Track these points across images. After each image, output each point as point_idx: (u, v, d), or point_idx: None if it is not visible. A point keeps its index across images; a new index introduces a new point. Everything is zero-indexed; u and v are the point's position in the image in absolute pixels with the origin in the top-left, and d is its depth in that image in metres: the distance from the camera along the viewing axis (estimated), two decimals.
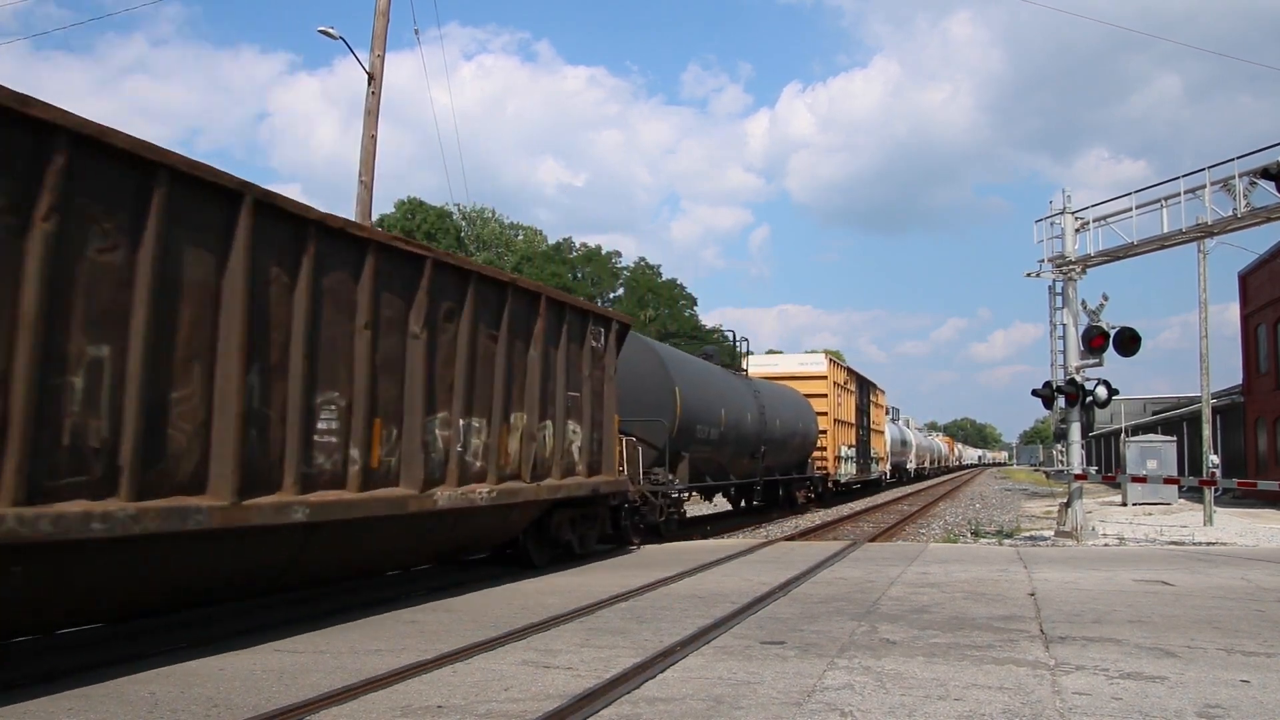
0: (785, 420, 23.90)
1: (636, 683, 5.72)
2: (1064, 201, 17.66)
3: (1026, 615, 8.24)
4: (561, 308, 11.82)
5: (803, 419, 25.98)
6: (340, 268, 8.00)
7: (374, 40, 17.58)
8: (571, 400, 11.91)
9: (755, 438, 21.46)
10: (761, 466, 22.28)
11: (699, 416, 17.93)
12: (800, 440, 25.66)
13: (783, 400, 24.68)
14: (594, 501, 13.13)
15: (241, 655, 6.73)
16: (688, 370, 18.37)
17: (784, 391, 25.75)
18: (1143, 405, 68.03)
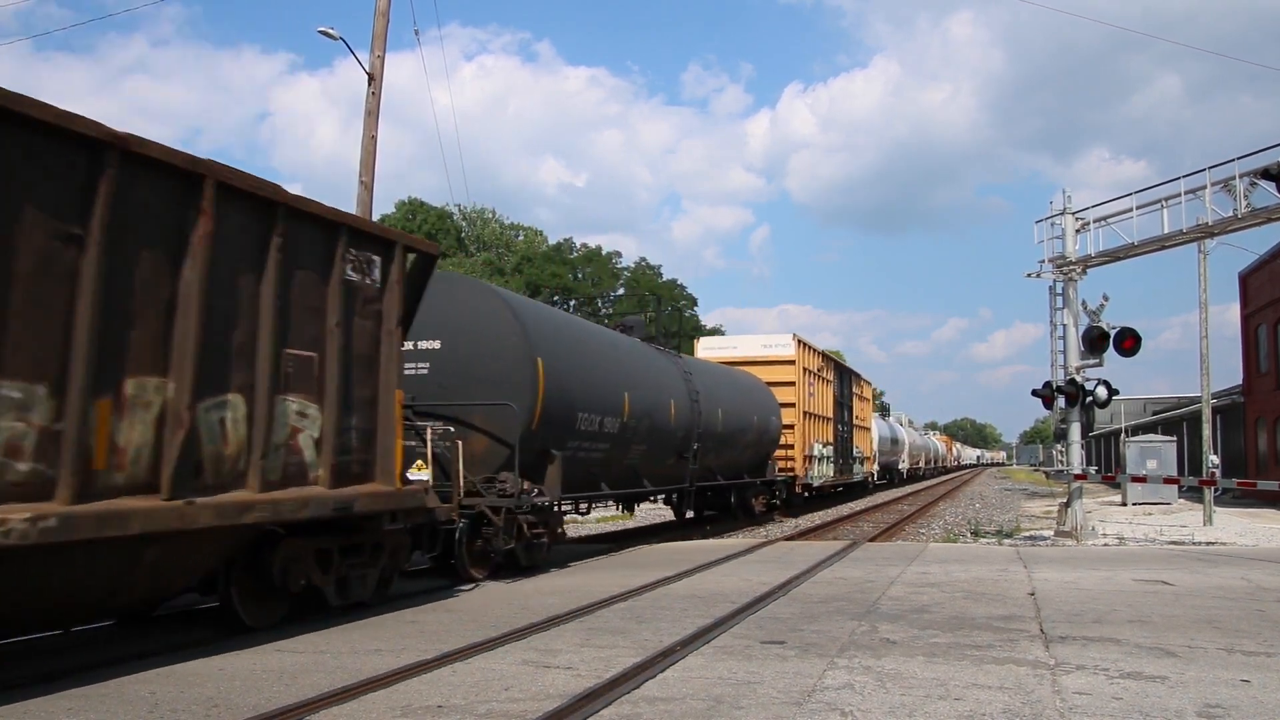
0: (733, 411, 19.27)
1: (636, 682, 5.72)
2: (1064, 202, 17.66)
3: (1026, 615, 8.24)
4: (271, 208, 7.39)
5: (759, 410, 21.20)
6: None
7: (374, 40, 17.58)
8: (297, 364, 7.67)
9: (684, 432, 16.55)
10: (694, 469, 17.35)
11: (581, 401, 12.68)
12: (755, 436, 20.90)
13: (730, 387, 19.95)
14: (368, 525, 8.73)
15: (242, 655, 6.73)
16: (563, 338, 12.96)
17: (733, 377, 21.02)
18: (1143, 405, 68.01)
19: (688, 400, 16.72)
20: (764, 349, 25.12)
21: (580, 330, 14.70)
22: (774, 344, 25.29)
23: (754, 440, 20.88)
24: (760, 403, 21.54)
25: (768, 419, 21.67)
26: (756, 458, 21.71)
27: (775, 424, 22.26)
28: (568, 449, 12.42)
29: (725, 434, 18.76)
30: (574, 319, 16.17)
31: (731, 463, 19.90)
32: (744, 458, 20.70)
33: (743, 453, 20.48)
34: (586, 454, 13.23)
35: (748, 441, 20.47)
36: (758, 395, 21.79)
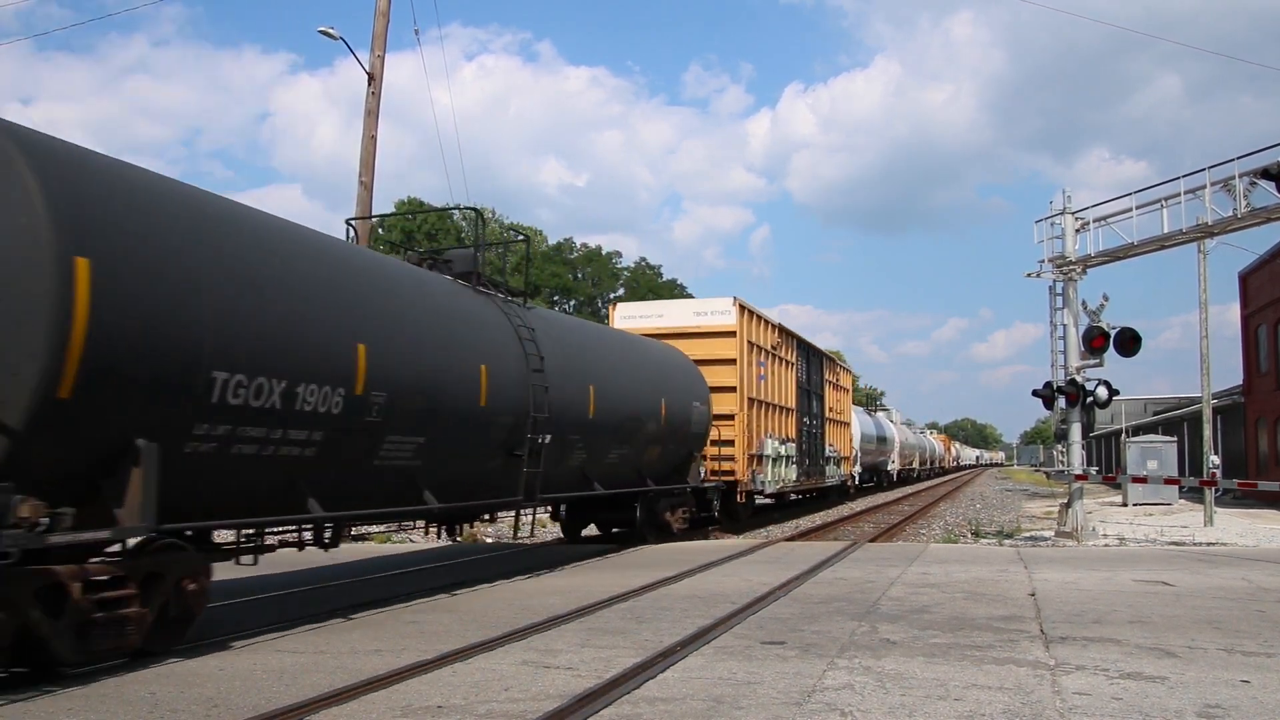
0: (621, 393, 13.76)
1: (637, 683, 5.72)
2: (1064, 202, 17.65)
3: (1027, 615, 8.23)
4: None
5: (673, 394, 15.74)
6: None
7: (374, 41, 17.59)
8: None
9: (512, 420, 10.79)
10: (538, 474, 11.28)
11: (228, 351, 6.97)
12: (665, 429, 15.23)
13: (618, 358, 14.44)
14: None
15: (242, 655, 6.74)
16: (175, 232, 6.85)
17: (626, 345, 15.42)
18: (1143, 405, 68.00)
19: (521, 371, 10.92)
20: (696, 317, 19.39)
21: (237, 227, 7.68)
22: (708, 310, 19.45)
23: (662, 434, 15.16)
24: (676, 384, 16.05)
25: (687, 406, 16.16)
26: (670, 457, 15.98)
27: (701, 414, 16.83)
28: (195, 437, 6.77)
29: (605, 424, 13.13)
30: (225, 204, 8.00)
31: (623, 465, 14.27)
32: (645, 458, 14.98)
33: (642, 451, 14.77)
34: (255, 449, 7.30)
35: (650, 435, 14.79)
36: (673, 374, 16.25)
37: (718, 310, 19.46)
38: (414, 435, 9.17)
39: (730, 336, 19.13)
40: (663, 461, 15.81)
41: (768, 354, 21.02)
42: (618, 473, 14.21)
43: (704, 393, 17.31)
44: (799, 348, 24.47)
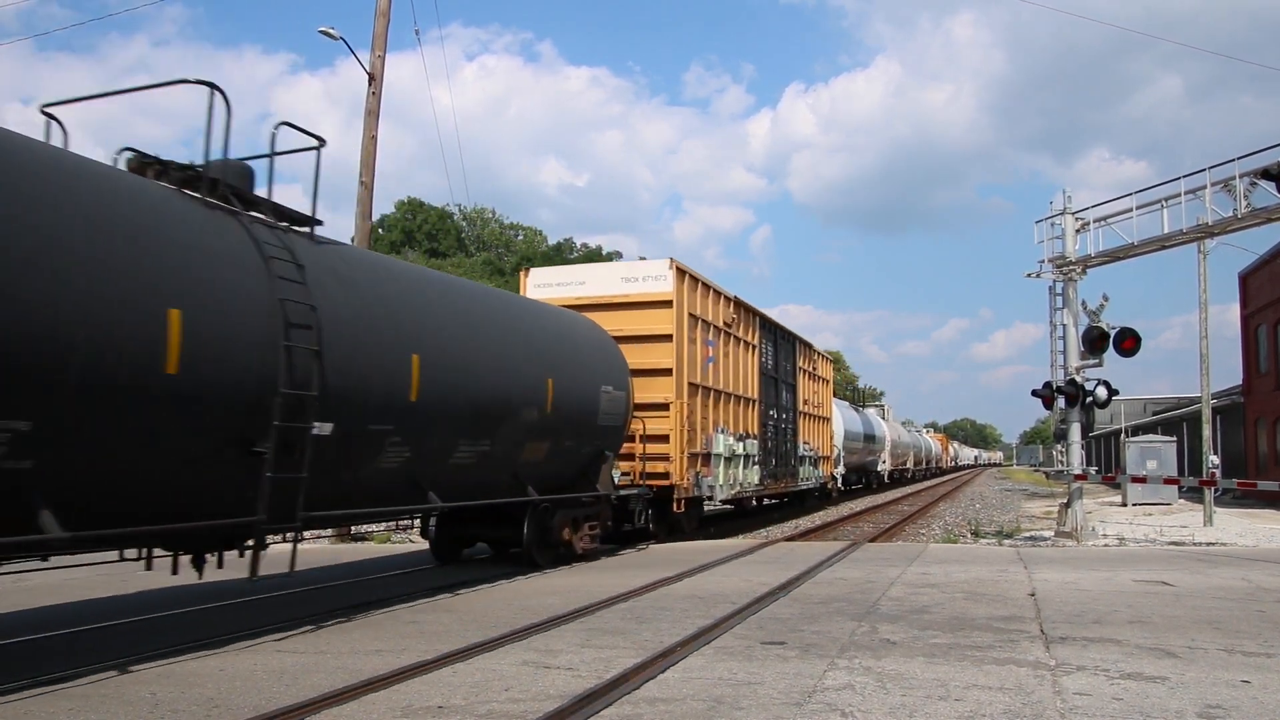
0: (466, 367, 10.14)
1: (637, 683, 5.72)
2: (1064, 202, 17.66)
3: (1027, 616, 8.24)
4: None
5: (566, 371, 12.10)
6: None
7: (374, 41, 17.59)
8: None
9: (241, 394, 7.22)
10: (305, 480, 7.63)
11: None
12: (554, 419, 11.74)
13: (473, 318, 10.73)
14: None
15: (242, 655, 6.74)
16: None
17: (487, 303, 11.43)
18: (1143, 405, 68.02)
19: (264, 324, 7.43)
20: (624, 284, 16.16)
21: None
22: (639, 275, 16.21)
23: (549, 425, 11.53)
24: (576, 361, 12.43)
25: (592, 391, 12.61)
26: (567, 457, 12.36)
27: (616, 402, 13.26)
28: None
29: (442, 410, 9.56)
30: None
31: (485, 468, 10.58)
32: (523, 457, 11.31)
33: (516, 448, 11.08)
34: None
35: (529, 427, 11.13)
36: (570, 347, 12.55)
37: (651, 275, 15.97)
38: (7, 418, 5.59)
39: (665, 307, 15.73)
40: (555, 462, 12.04)
41: (720, 332, 17.89)
42: (476, 478, 10.51)
43: (622, 375, 13.64)
44: (763, 328, 21.07)
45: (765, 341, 21.27)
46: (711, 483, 17.06)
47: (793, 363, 23.85)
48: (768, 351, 21.46)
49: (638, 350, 15.24)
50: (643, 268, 16.42)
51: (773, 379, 21.68)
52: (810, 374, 26.09)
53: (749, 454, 19.24)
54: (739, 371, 19.10)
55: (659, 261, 16.25)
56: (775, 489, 22.24)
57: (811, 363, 26.34)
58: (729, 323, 18.57)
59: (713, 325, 17.55)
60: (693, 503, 16.57)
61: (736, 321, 19.11)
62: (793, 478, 23.31)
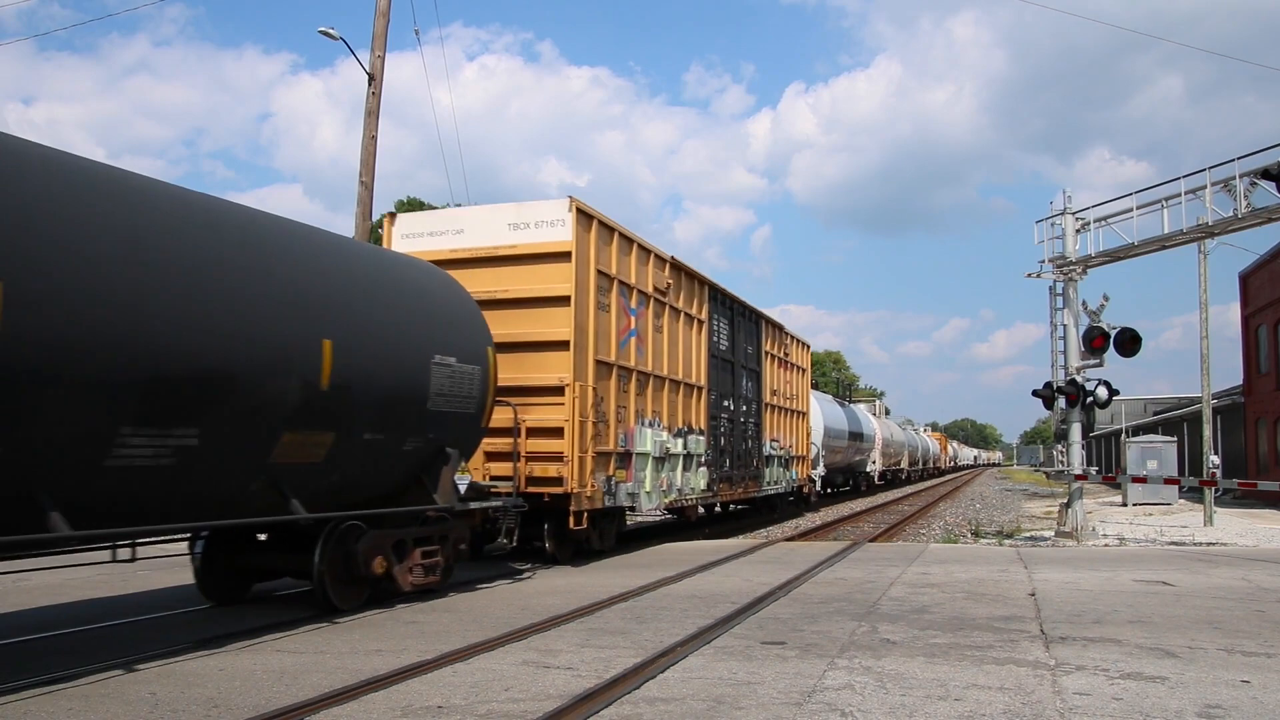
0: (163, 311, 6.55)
1: (637, 683, 5.72)
2: (1065, 202, 17.67)
3: (1027, 615, 8.24)
4: None
5: (360, 330, 8.59)
6: None
7: (374, 41, 17.60)
8: None
9: None
10: None
11: None
12: (333, 398, 8.12)
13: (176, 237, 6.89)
14: None
15: (242, 655, 6.74)
16: None
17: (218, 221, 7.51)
18: (1143, 406, 68.05)
19: None
20: (512, 232, 12.54)
21: None
22: (530, 221, 12.50)
23: (334, 407, 8.23)
24: (378, 316, 8.97)
25: (419, 362, 9.37)
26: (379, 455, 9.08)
27: (463, 378, 9.94)
28: None
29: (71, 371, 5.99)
30: None
31: (194, 469, 7.08)
32: (280, 455, 7.83)
33: (260, 441, 7.64)
34: None
35: (292, 409, 7.77)
36: (383, 299, 9.16)
37: (544, 219, 12.18)
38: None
39: (560, 261, 11.99)
40: (352, 463, 8.64)
41: (649, 300, 14.27)
42: (174, 488, 7.05)
43: (474, 344, 10.22)
44: (716, 301, 17.60)
45: (718, 318, 17.79)
46: (633, 489, 13.50)
47: (757, 346, 20.37)
48: (721, 330, 17.91)
49: (524, 318, 11.99)
50: (535, 210, 12.29)
51: (728, 363, 18.26)
52: (781, 360, 22.48)
53: (692, 453, 15.94)
54: (679, 351, 15.56)
55: (556, 202, 12.30)
56: (731, 495, 18.37)
57: (782, 347, 22.76)
58: (662, 289, 14.93)
59: (637, 290, 13.86)
60: (605, 515, 13.29)
61: (675, 289, 15.51)
62: (756, 481, 19.85)
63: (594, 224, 12.68)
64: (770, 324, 21.59)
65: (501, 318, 11.65)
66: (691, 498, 16.10)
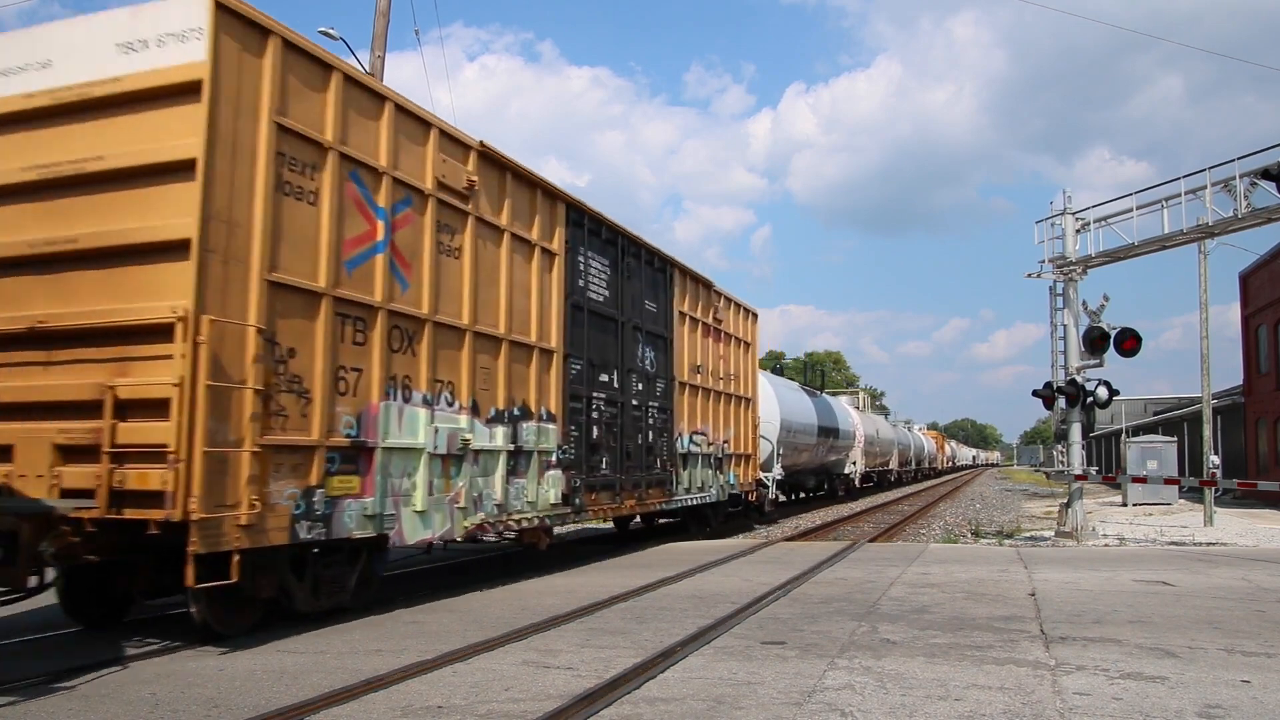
0: None
1: (637, 683, 5.72)
2: (1065, 202, 17.67)
3: (1027, 615, 8.24)
4: None
5: None
6: None
7: (374, 41, 17.59)
8: None
9: None
10: None
11: None
12: None
13: None
14: None
15: (242, 655, 6.73)
16: None
17: None
18: (1143, 406, 68.06)
19: None
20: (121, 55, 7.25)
21: None
22: (149, 35, 7.18)
23: None
24: None
25: None
26: None
27: None
28: None
29: None
30: None
31: None
32: None
33: None
34: None
35: None
36: None
37: (168, 31, 7.14)
38: None
39: (183, 100, 7.05)
40: None
41: (425, 200, 9.37)
42: None
43: None
44: (580, 227, 12.38)
45: (587, 254, 12.50)
46: (378, 508, 8.38)
47: (665, 303, 15.11)
48: (591, 271, 12.64)
49: (123, 204, 7.16)
50: (157, 15, 7.18)
51: (608, 323, 13.08)
52: (710, 329, 17.22)
53: (531, 449, 10.87)
54: (499, 291, 10.53)
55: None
56: (615, 508, 13.07)
57: (710, 310, 17.22)
58: (459, 188, 9.84)
59: (394, 181, 8.86)
60: (330, 555, 8.26)
61: (488, 193, 10.40)
62: (662, 487, 14.62)
63: (271, 43, 7.48)
64: (690, 277, 16.32)
65: (86, 208, 7.23)
66: (529, 516, 10.75)
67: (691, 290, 16.56)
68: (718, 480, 17.50)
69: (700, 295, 16.95)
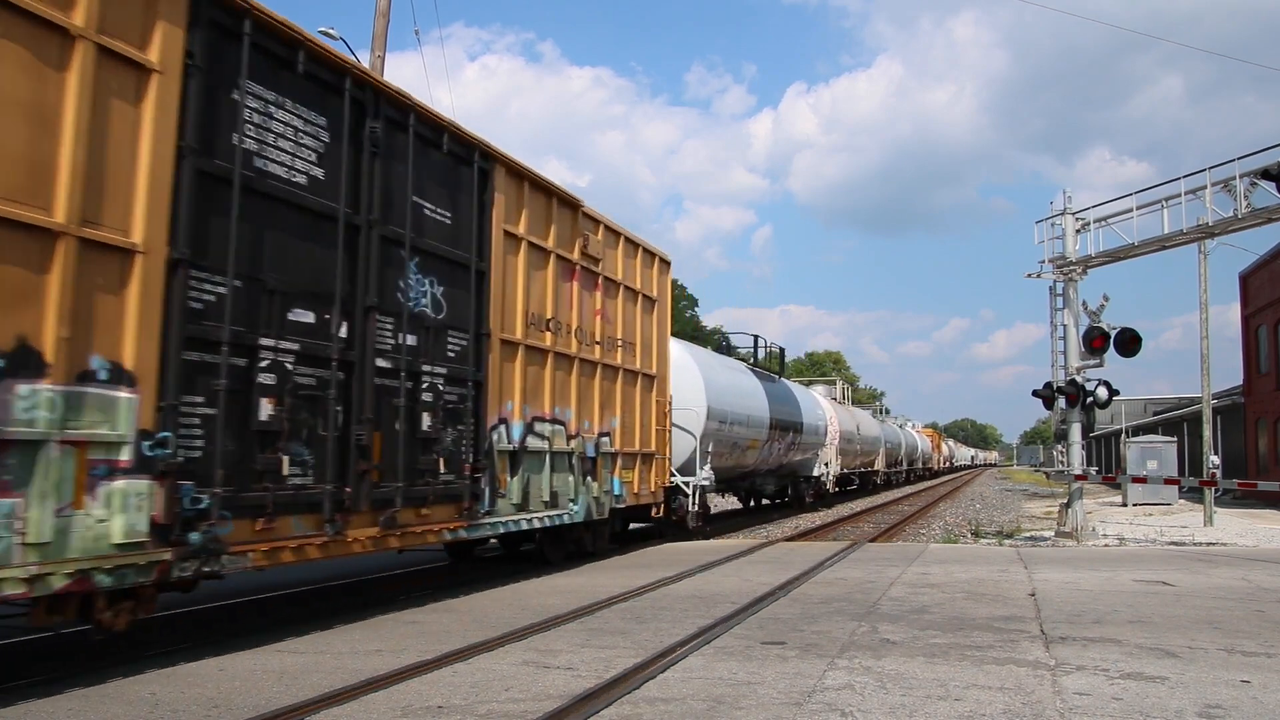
0: None
1: (637, 683, 5.72)
2: (1065, 202, 17.68)
3: (1027, 616, 8.24)
4: None
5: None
6: None
7: (374, 41, 17.59)
8: None
9: None
10: None
11: None
12: None
13: None
14: None
15: (242, 656, 6.73)
16: None
17: None
18: (1143, 406, 68.05)
19: None
20: None
21: None
22: None
23: None
24: None
25: None
26: None
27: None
28: None
29: None
30: None
31: None
32: None
33: None
34: None
35: None
36: None
37: None
38: None
39: None
40: None
41: None
42: None
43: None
44: (236, 35, 7.14)
45: (256, 90, 7.39)
46: None
47: (475, 216, 10.11)
48: (274, 127, 7.58)
49: None
50: None
51: (323, 223, 8.04)
52: (574, 268, 12.19)
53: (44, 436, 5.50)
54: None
55: None
56: (331, 543, 7.80)
57: (576, 244, 12.28)
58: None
59: None
60: None
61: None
62: (457, 503, 9.56)
63: None
64: (532, 183, 11.23)
65: None
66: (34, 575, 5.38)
67: (536, 206, 11.35)
68: (588, 490, 12.30)
69: (556, 217, 11.78)
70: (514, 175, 10.97)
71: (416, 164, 9.21)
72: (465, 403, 9.79)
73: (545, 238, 11.61)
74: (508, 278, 10.74)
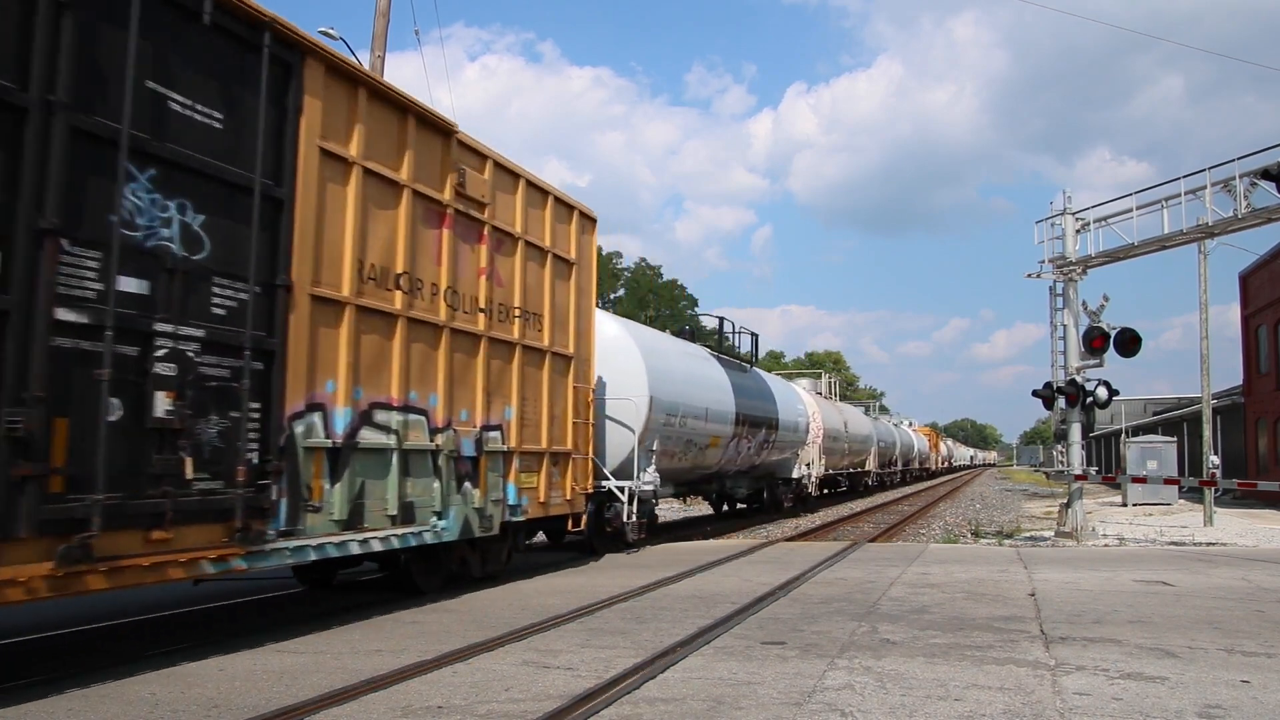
0: None
1: (637, 683, 5.72)
2: (1064, 202, 17.67)
3: (1027, 616, 8.24)
4: None
5: None
6: None
7: (374, 41, 17.59)
8: None
9: None
10: None
11: None
12: None
13: None
14: None
15: (242, 656, 6.73)
16: None
17: None
18: (1143, 406, 68.05)
19: None
20: None
21: None
22: None
23: None
24: None
25: None
26: None
27: None
28: None
29: None
30: None
31: None
32: None
33: None
34: None
35: None
36: None
37: None
38: None
39: None
40: None
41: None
42: None
43: None
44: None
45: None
46: None
47: (267, 122, 7.12)
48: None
49: None
50: None
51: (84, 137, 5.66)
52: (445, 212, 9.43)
53: None
54: None
55: None
56: None
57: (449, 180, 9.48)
58: None
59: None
60: None
61: None
62: (225, 521, 6.62)
63: None
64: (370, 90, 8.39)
65: None
66: None
67: (380, 124, 8.54)
68: (465, 499, 9.57)
69: (415, 143, 8.96)
70: (340, 76, 7.99)
71: (156, 37, 6.26)
72: (241, 380, 6.81)
73: (396, 167, 8.68)
74: (328, 214, 7.80)
